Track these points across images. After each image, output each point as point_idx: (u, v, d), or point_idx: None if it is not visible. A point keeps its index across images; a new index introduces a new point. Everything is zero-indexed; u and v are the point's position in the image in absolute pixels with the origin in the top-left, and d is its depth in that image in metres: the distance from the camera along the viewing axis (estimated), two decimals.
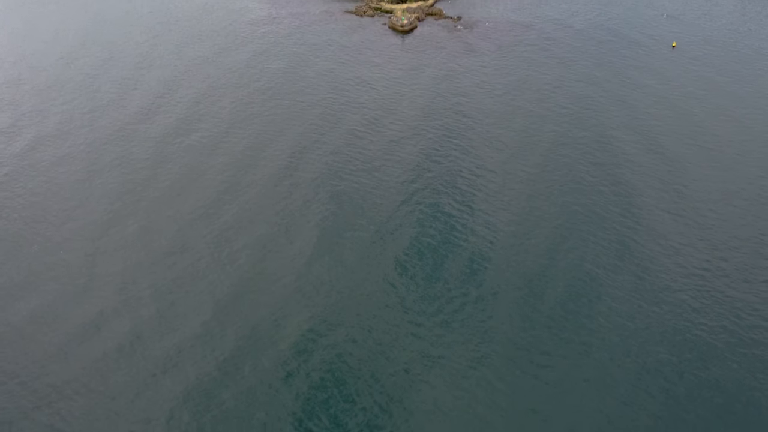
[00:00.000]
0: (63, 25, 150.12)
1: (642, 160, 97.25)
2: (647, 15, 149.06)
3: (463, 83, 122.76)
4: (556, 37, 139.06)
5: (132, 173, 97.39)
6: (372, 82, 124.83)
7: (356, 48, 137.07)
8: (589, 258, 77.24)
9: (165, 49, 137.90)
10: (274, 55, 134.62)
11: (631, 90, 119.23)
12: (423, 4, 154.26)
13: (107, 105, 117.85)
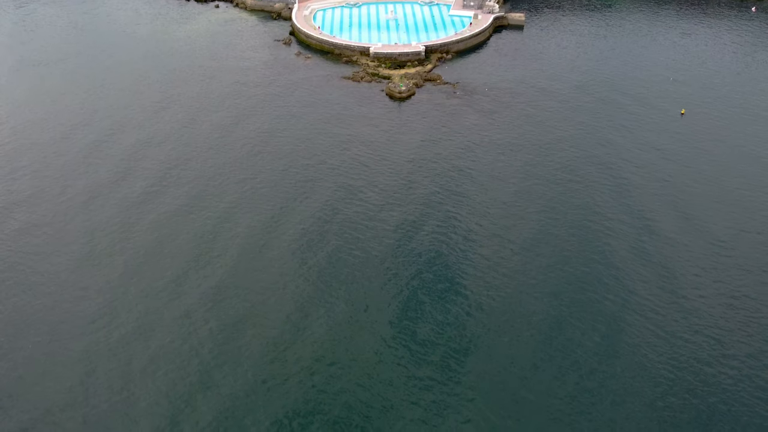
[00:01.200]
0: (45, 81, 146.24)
1: (651, 247, 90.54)
2: (652, 77, 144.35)
3: (462, 152, 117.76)
4: (558, 101, 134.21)
5: (99, 242, 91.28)
6: (368, 149, 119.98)
7: (353, 114, 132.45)
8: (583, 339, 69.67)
9: (146, 109, 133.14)
10: (266, 121, 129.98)
11: (641, 164, 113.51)
12: (421, 70, 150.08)
13: (82, 170, 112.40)
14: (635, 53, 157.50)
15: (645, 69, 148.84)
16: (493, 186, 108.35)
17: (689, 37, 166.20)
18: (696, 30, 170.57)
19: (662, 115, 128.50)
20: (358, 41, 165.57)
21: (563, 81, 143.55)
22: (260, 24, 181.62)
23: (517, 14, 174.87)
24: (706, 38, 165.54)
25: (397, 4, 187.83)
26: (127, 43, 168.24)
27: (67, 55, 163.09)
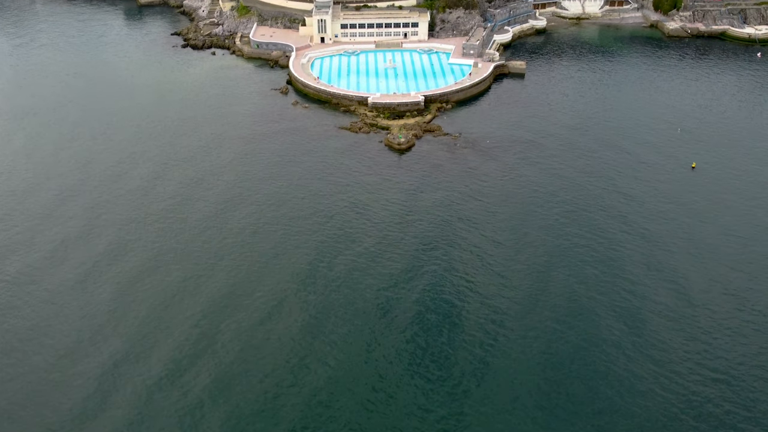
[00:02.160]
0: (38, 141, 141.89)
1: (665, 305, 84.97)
2: (659, 129, 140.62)
3: (464, 207, 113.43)
4: (561, 155, 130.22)
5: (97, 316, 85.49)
6: (367, 205, 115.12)
7: (351, 167, 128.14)
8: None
9: (132, 162, 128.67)
10: (262, 175, 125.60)
11: (653, 221, 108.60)
12: (420, 120, 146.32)
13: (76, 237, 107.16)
14: (640, 102, 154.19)
15: (651, 118, 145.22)
16: (499, 248, 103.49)
17: (694, 85, 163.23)
18: (700, 77, 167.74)
19: (673, 168, 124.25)
20: (356, 90, 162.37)
21: (567, 131, 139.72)
22: (257, 72, 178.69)
23: (518, 62, 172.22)
24: (712, 85, 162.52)
25: (395, 52, 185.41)
26: (121, 92, 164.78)
27: (59, 104, 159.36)
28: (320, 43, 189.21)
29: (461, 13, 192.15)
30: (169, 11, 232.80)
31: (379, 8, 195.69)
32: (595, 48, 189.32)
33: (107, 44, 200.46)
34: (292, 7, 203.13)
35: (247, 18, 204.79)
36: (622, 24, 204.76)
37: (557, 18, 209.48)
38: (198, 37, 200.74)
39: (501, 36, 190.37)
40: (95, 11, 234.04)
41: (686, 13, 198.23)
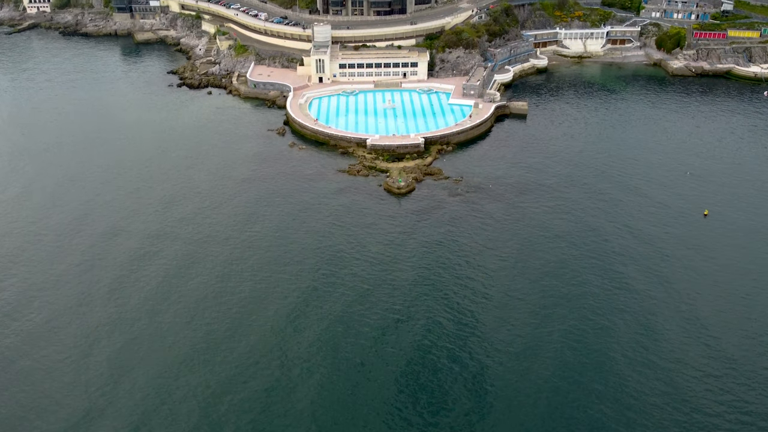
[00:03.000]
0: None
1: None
2: (668, 170, 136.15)
3: (467, 254, 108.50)
4: (569, 198, 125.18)
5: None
6: (365, 252, 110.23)
7: (349, 212, 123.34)
8: None
9: (133, 213, 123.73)
10: (258, 219, 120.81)
11: (666, 268, 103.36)
12: (420, 163, 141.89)
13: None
14: (646, 142, 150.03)
15: (659, 161, 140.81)
16: (506, 304, 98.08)
17: (701, 124, 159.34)
18: (707, 116, 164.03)
19: (685, 215, 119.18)
20: (355, 131, 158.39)
21: (573, 175, 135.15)
22: (254, 112, 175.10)
23: (519, 103, 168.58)
24: (719, 125, 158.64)
25: (395, 92, 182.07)
26: (113, 134, 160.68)
27: (49, 144, 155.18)
28: (318, 82, 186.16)
29: (461, 53, 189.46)
30: (166, 49, 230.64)
31: (378, 48, 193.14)
32: (597, 87, 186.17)
33: (102, 82, 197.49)
34: (290, 47, 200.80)
35: (245, 57, 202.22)
36: (624, 62, 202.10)
37: (558, 57, 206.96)
38: (194, 75, 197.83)
39: (502, 75, 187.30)
40: (92, 48, 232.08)
41: (690, 51, 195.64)
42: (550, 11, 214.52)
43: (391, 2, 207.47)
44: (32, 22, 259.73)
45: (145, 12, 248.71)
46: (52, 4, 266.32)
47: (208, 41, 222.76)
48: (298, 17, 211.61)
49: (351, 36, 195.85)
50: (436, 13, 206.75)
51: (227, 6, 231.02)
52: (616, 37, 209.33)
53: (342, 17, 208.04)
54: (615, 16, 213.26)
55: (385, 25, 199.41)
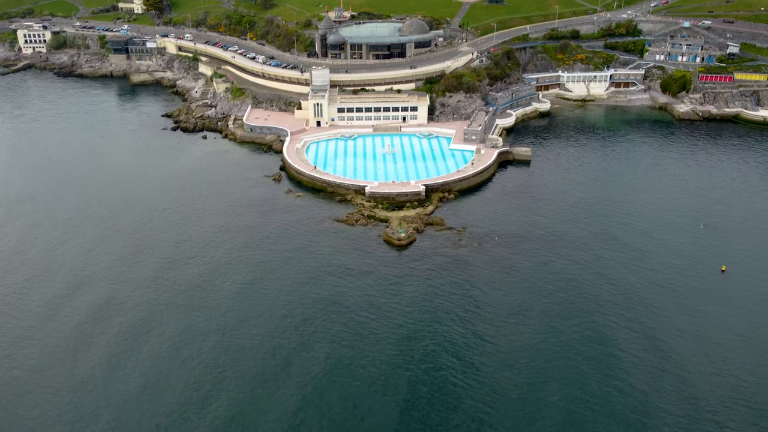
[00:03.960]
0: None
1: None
2: (680, 223, 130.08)
3: (471, 317, 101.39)
4: (576, 255, 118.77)
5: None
6: (364, 309, 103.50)
7: (347, 265, 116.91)
8: None
9: (120, 265, 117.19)
10: (248, 275, 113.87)
11: (684, 339, 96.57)
12: (421, 212, 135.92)
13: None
14: (655, 190, 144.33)
15: (671, 211, 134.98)
16: (511, 371, 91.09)
17: (710, 171, 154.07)
18: (716, 162, 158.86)
19: (701, 271, 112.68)
20: (353, 178, 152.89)
21: (581, 226, 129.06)
22: (250, 157, 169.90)
23: (523, 149, 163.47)
24: (729, 172, 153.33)
25: (394, 136, 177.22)
26: (103, 180, 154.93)
27: (36, 192, 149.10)
28: (316, 126, 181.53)
29: (462, 97, 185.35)
30: (162, 91, 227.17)
31: (377, 92, 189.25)
32: (602, 131, 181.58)
33: (95, 125, 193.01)
34: (288, 90, 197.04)
35: (242, 100, 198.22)
36: (628, 106, 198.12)
37: (561, 100, 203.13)
38: (189, 119, 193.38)
39: (503, 120, 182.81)
40: (87, 89, 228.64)
41: (696, 95, 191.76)
42: (552, 54, 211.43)
43: (391, 46, 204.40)
44: (27, 63, 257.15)
45: (142, 53, 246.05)
46: (47, 45, 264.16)
47: (204, 84, 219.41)
48: (297, 60, 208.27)
49: (350, 80, 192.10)
50: (436, 56, 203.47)
51: (225, 48, 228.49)
52: (619, 80, 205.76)
53: (341, 61, 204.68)
54: (618, 59, 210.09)
55: (385, 69, 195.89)
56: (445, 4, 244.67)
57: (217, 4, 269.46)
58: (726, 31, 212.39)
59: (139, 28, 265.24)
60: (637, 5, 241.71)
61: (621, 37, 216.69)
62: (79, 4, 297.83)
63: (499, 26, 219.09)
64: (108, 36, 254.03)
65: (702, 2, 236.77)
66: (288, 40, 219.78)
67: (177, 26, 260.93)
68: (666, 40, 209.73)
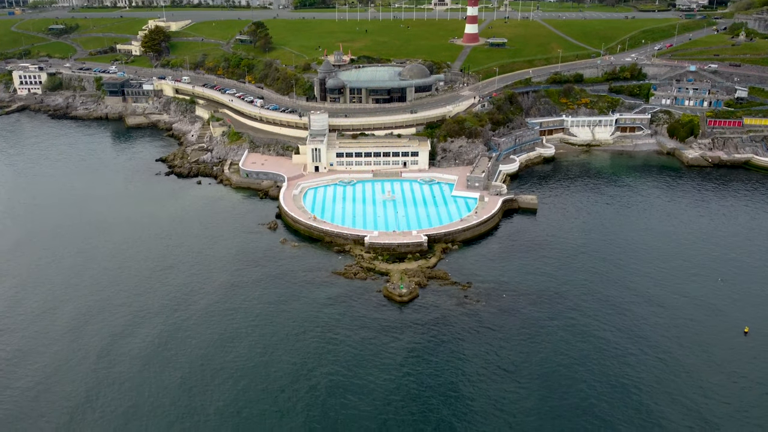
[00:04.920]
0: None
1: None
2: (697, 277, 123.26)
3: (481, 381, 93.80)
4: (590, 311, 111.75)
5: None
6: (363, 372, 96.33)
7: (344, 323, 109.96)
8: None
9: (107, 321, 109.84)
10: (239, 333, 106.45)
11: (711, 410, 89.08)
12: (424, 264, 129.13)
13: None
14: (669, 244, 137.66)
15: (686, 265, 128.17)
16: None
17: (724, 220, 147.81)
18: (730, 211, 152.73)
19: (722, 332, 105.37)
20: (352, 225, 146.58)
21: (593, 279, 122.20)
22: (245, 204, 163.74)
23: (528, 196, 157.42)
24: (744, 221, 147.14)
25: (394, 182, 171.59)
26: (91, 227, 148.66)
27: (20, 241, 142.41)
28: (314, 172, 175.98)
29: (464, 142, 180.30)
30: (157, 134, 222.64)
31: (377, 136, 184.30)
32: (609, 178, 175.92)
33: (87, 169, 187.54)
34: (286, 134, 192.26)
35: (238, 144, 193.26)
36: (635, 151, 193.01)
37: (566, 145, 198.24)
38: (184, 164, 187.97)
39: (507, 166, 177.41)
40: (81, 132, 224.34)
41: (705, 140, 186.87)
42: (555, 98, 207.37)
43: (391, 90, 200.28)
44: (22, 104, 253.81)
45: (138, 96, 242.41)
46: (43, 86, 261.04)
47: (201, 127, 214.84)
48: (295, 104, 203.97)
49: (349, 124, 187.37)
50: (437, 101, 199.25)
51: (223, 91, 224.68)
52: (625, 124, 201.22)
53: (340, 105, 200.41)
54: (623, 103, 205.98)
55: (385, 114, 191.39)
56: (445, 48, 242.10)
57: (216, 47, 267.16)
58: (733, 74, 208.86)
59: (136, 70, 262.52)
60: (640, 49, 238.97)
61: (625, 80, 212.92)
62: (77, 45, 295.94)
63: (501, 70, 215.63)
64: (104, 78, 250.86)
65: (707, 45, 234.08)
66: (287, 83, 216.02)
67: (175, 68, 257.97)
68: (672, 84, 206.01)
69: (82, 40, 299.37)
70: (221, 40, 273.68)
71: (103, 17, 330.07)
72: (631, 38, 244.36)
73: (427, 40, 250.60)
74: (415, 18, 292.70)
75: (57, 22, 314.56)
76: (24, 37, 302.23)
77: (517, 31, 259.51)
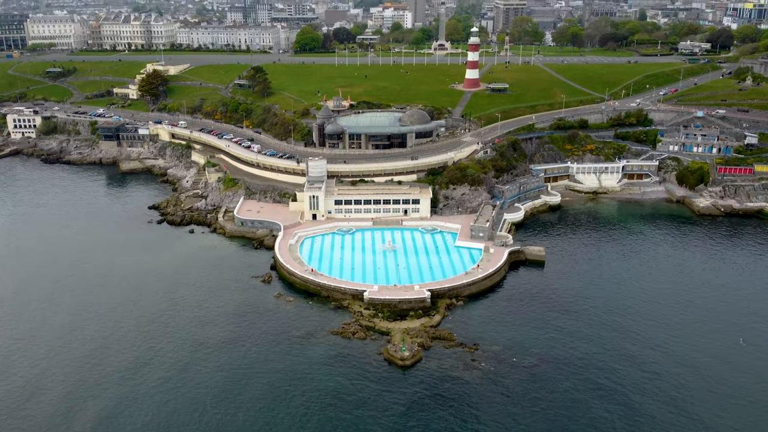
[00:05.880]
0: None
1: None
2: (716, 337, 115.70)
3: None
4: (607, 387, 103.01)
5: None
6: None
7: (341, 391, 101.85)
8: None
9: (79, 399, 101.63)
10: (231, 403, 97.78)
11: None
12: (427, 323, 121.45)
13: None
14: (685, 298, 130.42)
15: (704, 323, 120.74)
16: None
17: (741, 274, 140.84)
18: (746, 264, 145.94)
19: (751, 405, 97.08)
20: (350, 278, 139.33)
21: (606, 343, 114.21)
22: (238, 254, 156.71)
23: (536, 248, 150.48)
24: (761, 275, 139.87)
25: (395, 230, 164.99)
26: (74, 282, 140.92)
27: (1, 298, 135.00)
28: (312, 220, 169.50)
29: (466, 190, 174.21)
30: (152, 179, 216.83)
31: (376, 183, 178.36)
32: (618, 227, 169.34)
33: (76, 217, 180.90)
34: (283, 180, 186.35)
35: (234, 191, 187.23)
36: (643, 199, 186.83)
37: (571, 192, 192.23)
38: (177, 211, 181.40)
39: (512, 215, 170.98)
40: (73, 177, 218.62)
41: (715, 188, 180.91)
42: (559, 144, 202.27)
43: (391, 136, 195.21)
44: (15, 149, 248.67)
45: (133, 140, 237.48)
46: (37, 130, 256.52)
47: (196, 173, 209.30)
48: (293, 150, 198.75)
49: (348, 170, 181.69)
50: (438, 147, 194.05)
51: (219, 136, 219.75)
52: (632, 171, 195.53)
53: (339, 151, 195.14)
54: (630, 150, 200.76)
55: (385, 160, 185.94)
56: (446, 93, 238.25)
57: (214, 91, 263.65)
58: (742, 120, 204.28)
59: (133, 114, 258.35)
60: (645, 94, 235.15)
61: (631, 126, 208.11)
62: (74, 88, 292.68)
63: (503, 116, 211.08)
64: (99, 122, 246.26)
65: (713, 90, 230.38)
66: (285, 128, 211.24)
67: (172, 113, 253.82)
68: (679, 130, 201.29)
69: (79, 84, 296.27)
70: (220, 85, 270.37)
71: (102, 60, 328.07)
72: (635, 83, 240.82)
73: (428, 86, 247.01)
74: (415, 63, 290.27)
75: (54, 65, 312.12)
76: (20, 80, 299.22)
77: (518, 76, 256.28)
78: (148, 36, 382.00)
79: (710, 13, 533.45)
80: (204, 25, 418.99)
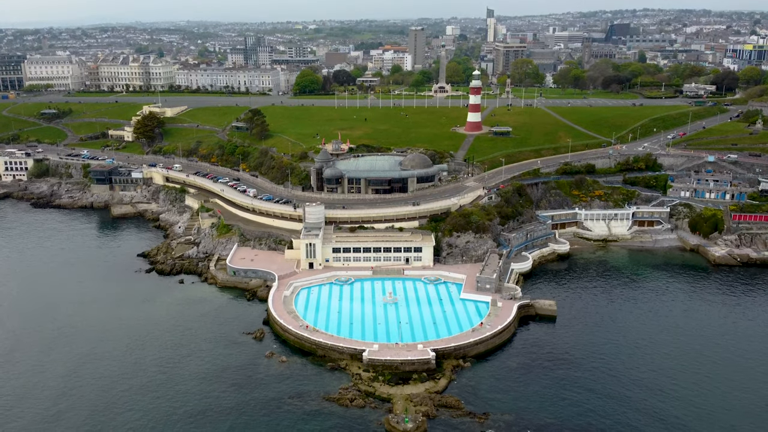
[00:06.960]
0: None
1: None
2: (741, 399, 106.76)
3: None
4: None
5: None
6: None
7: None
8: None
9: None
10: None
11: None
12: (432, 388, 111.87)
13: None
14: (708, 357, 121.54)
15: (728, 382, 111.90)
16: None
17: (763, 328, 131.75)
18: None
19: None
20: (349, 335, 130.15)
21: (628, 408, 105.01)
22: (229, 307, 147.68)
23: (546, 302, 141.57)
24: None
25: (396, 280, 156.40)
26: (53, 337, 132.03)
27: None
28: (308, 269, 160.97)
29: (471, 237, 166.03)
30: (144, 224, 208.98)
31: (376, 230, 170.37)
32: (630, 277, 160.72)
33: (61, 266, 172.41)
34: (279, 227, 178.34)
35: (227, 238, 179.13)
36: (655, 248, 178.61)
37: (580, 240, 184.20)
38: (167, 260, 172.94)
39: (519, 264, 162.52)
40: (63, 222, 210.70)
41: (731, 236, 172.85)
42: (566, 190, 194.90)
43: (391, 181, 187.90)
44: (5, 192, 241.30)
45: (126, 184, 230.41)
46: (29, 173, 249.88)
47: (190, 218, 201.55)
48: (290, 194, 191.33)
49: (347, 216, 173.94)
50: (441, 192, 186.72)
51: (215, 180, 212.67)
52: (643, 218, 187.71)
53: (337, 195, 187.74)
54: (639, 195, 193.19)
55: (385, 205, 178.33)
56: (447, 136, 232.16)
57: (211, 134, 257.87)
58: (754, 165, 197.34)
59: (128, 156, 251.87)
60: (653, 137, 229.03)
61: (640, 171, 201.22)
62: (68, 130, 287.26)
63: (507, 160, 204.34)
64: (92, 165, 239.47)
65: (723, 134, 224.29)
66: (282, 172, 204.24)
67: (167, 155, 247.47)
68: (690, 176, 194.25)
69: (74, 125, 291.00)
70: (217, 127, 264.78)
71: (98, 102, 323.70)
72: (642, 126, 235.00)
73: (428, 129, 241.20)
74: (416, 105, 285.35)
75: (50, 107, 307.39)
76: (15, 121, 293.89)
77: (521, 119, 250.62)
78: (147, 77, 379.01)
79: (710, 55, 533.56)
80: (203, 66, 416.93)
